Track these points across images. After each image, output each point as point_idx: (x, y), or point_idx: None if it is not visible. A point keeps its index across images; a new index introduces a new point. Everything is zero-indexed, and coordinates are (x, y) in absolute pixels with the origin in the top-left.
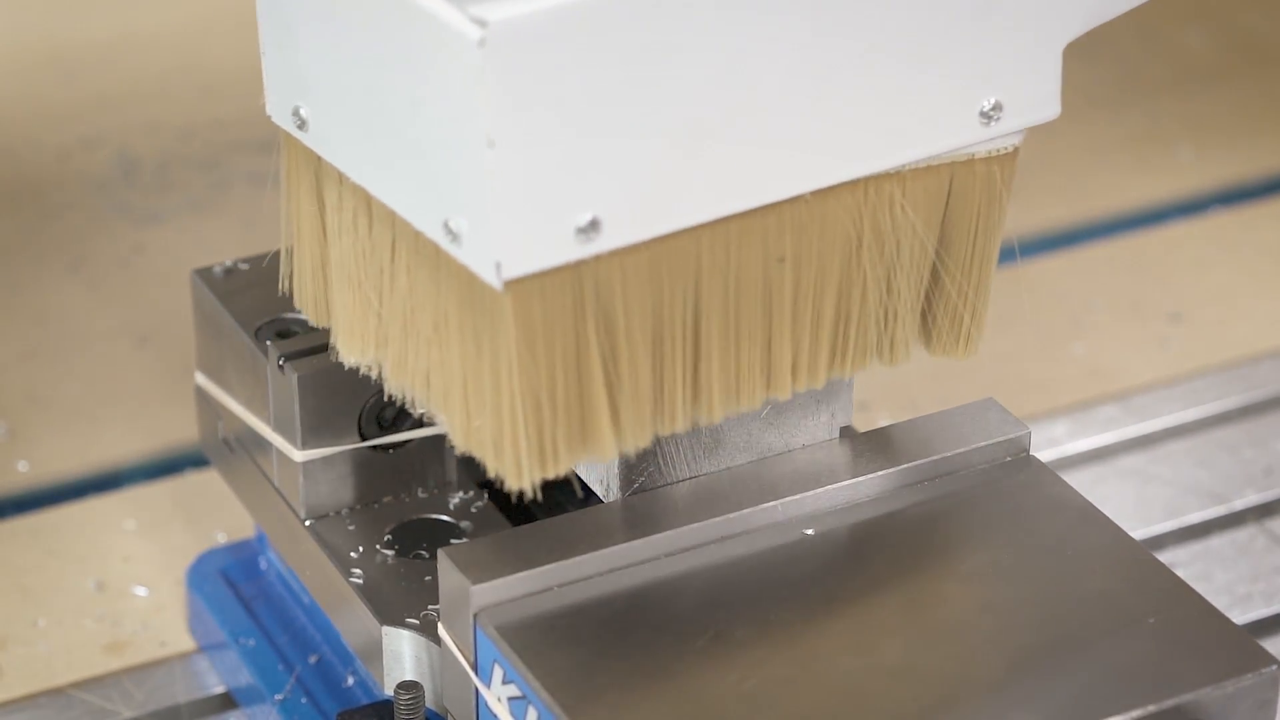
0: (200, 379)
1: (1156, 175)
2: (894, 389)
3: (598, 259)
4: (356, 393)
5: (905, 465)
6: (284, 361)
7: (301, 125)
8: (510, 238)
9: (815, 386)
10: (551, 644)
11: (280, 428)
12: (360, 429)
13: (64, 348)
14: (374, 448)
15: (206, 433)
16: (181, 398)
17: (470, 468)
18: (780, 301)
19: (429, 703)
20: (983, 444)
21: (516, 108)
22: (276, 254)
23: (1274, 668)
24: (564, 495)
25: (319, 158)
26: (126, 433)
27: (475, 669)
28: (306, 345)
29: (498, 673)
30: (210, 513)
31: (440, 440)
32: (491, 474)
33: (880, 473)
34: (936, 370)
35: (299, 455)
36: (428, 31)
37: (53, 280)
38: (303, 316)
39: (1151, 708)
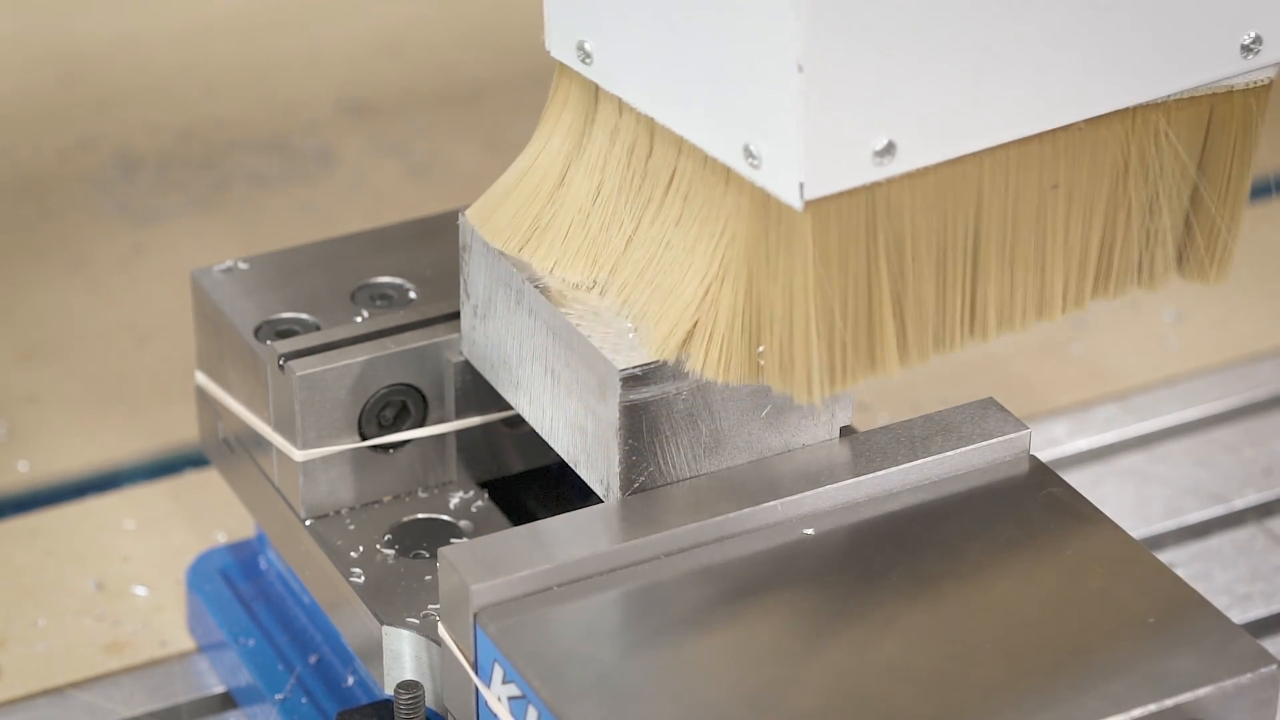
0: (200, 379)
1: None
2: (894, 389)
3: (890, 182)
4: (356, 393)
5: (905, 465)
6: (284, 361)
7: (585, 59)
8: (813, 160)
9: (1080, 310)
10: (552, 644)
11: (280, 428)
12: (360, 429)
13: (64, 348)
14: (374, 448)
15: (206, 433)
16: (181, 398)
17: (470, 467)
18: (1053, 226)
19: (429, 703)
20: (983, 444)
21: (825, 33)
22: (276, 254)
23: (1274, 668)
24: (565, 495)
25: (595, 92)
26: (126, 433)
27: (475, 669)
28: (306, 345)
29: (498, 672)
30: (210, 513)
31: (440, 440)
32: (778, 391)
33: (880, 473)
34: (936, 370)
35: (299, 455)
36: None
37: (53, 280)
38: (302, 316)
39: (1152, 707)
